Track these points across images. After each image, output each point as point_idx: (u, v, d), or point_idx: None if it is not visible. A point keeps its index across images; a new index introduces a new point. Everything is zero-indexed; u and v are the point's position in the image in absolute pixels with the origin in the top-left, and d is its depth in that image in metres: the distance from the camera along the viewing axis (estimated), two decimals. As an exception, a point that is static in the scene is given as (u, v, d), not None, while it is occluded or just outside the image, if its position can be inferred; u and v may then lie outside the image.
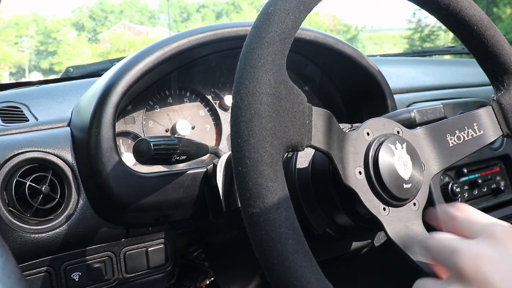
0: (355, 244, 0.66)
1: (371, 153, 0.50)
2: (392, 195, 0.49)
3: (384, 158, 0.49)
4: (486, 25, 0.57)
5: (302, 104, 0.43)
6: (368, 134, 0.51)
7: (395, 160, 0.50)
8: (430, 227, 0.48)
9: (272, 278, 0.38)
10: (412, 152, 0.52)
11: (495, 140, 0.59)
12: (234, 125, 0.40)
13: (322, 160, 0.54)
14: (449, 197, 0.97)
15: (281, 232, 0.38)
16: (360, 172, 0.49)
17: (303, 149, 0.43)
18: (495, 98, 0.59)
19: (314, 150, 0.56)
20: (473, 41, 0.58)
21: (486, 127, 0.58)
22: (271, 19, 0.42)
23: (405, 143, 0.52)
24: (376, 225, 0.49)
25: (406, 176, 0.50)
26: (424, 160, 0.54)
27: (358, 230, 0.56)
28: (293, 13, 0.43)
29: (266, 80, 0.40)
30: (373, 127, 0.52)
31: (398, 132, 0.53)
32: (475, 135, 0.57)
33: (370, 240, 0.61)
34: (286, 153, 0.60)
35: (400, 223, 0.49)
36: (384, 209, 0.49)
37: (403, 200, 0.50)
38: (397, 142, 0.51)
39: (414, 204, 0.51)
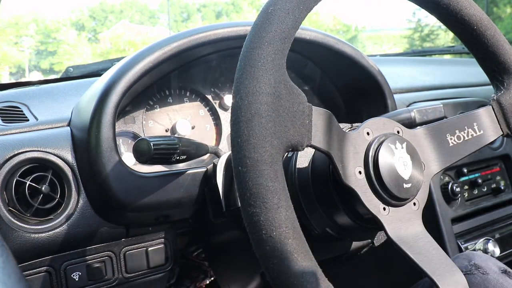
0: (355, 244, 0.66)
1: (371, 153, 0.50)
2: (392, 195, 0.49)
3: (384, 158, 0.49)
4: (486, 25, 0.57)
5: (302, 104, 0.43)
6: (368, 133, 0.51)
7: (395, 160, 0.50)
8: (429, 227, 0.48)
9: (272, 278, 0.38)
10: (412, 152, 0.52)
11: (495, 140, 0.59)
12: (234, 125, 0.40)
13: (322, 159, 0.54)
14: (449, 196, 0.97)
15: (281, 232, 0.38)
16: (360, 172, 0.49)
17: (303, 149, 0.43)
18: (495, 97, 0.59)
19: (314, 150, 0.56)
20: (473, 41, 0.58)
21: (486, 127, 0.58)
22: (271, 19, 0.42)
23: (405, 142, 0.52)
24: (376, 224, 0.49)
25: (406, 176, 0.50)
26: (424, 160, 0.53)
27: (358, 230, 0.56)
28: (293, 12, 0.43)
29: (266, 80, 0.40)
30: (373, 127, 0.52)
31: (398, 132, 0.53)
32: (475, 134, 0.57)
33: (370, 240, 0.61)
34: (286, 153, 0.60)
35: (400, 223, 0.49)
36: (384, 208, 0.49)
37: (403, 200, 0.50)
38: (397, 141, 0.51)
39: (414, 204, 0.51)
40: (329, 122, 0.46)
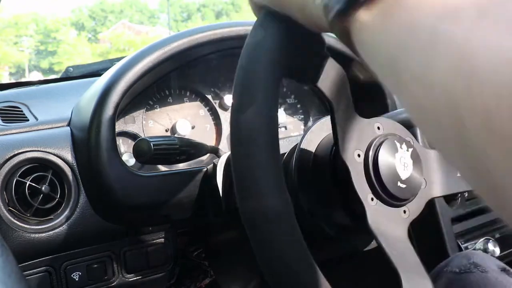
0: (356, 244, 0.66)
1: (375, 142, 0.49)
2: (384, 188, 0.48)
3: (387, 151, 0.49)
4: None
5: None
6: (378, 128, 0.51)
7: (397, 158, 0.50)
8: (429, 227, 0.48)
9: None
10: (416, 160, 0.51)
11: None
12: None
13: (322, 157, 0.54)
14: (449, 196, 0.97)
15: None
16: (359, 155, 0.48)
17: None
18: None
19: (314, 152, 0.55)
20: None
21: None
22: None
23: (412, 149, 0.51)
24: (361, 216, 0.48)
25: (403, 176, 0.50)
26: (426, 178, 0.53)
27: (358, 229, 0.56)
28: None
29: None
30: (385, 125, 0.51)
31: (409, 141, 0.53)
32: None
33: (370, 240, 0.61)
34: (287, 152, 0.60)
35: (385, 220, 0.48)
36: (372, 199, 0.48)
37: (394, 200, 0.49)
38: (404, 144, 0.51)
39: (404, 211, 0.51)
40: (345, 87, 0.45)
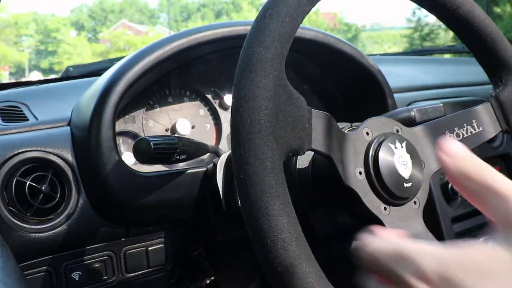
0: (355, 244, 0.66)
1: (371, 153, 0.49)
2: (392, 195, 0.49)
3: (384, 158, 0.49)
4: (484, 21, 0.57)
5: (301, 108, 0.43)
6: (367, 133, 0.51)
7: (395, 160, 0.50)
8: (430, 227, 0.48)
9: (276, 285, 0.38)
10: (412, 151, 0.52)
11: (495, 138, 0.59)
12: (234, 131, 0.40)
13: (323, 160, 0.54)
14: (449, 196, 0.97)
15: (284, 238, 0.38)
16: (360, 173, 0.49)
17: (304, 153, 0.43)
18: (493, 94, 0.59)
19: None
20: (471, 38, 0.58)
21: (485, 124, 0.58)
22: (269, 22, 0.42)
23: (405, 142, 0.51)
24: (378, 224, 0.49)
25: (406, 175, 0.50)
26: (423, 158, 0.53)
27: (359, 230, 0.56)
28: (291, 15, 0.43)
29: (265, 85, 0.40)
30: (373, 127, 0.52)
31: (397, 131, 0.53)
32: (474, 132, 0.57)
33: None
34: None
35: (401, 222, 0.49)
36: (385, 208, 0.49)
37: (404, 199, 0.50)
38: (396, 141, 0.51)
39: (415, 202, 0.51)
40: (328, 124, 0.46)
